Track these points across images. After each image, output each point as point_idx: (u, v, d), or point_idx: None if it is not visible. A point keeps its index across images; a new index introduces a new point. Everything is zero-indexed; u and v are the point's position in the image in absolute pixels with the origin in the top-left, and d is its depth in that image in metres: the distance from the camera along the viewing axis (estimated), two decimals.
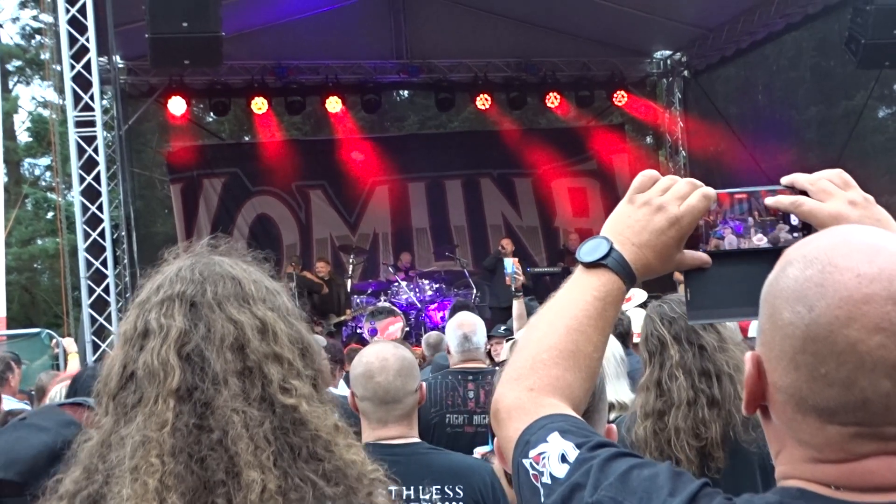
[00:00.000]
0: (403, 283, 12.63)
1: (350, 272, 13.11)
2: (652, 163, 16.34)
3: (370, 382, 2.58)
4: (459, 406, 4.12)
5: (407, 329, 10.75)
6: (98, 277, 8.94)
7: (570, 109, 15.41)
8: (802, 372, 0.90)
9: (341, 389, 4.79)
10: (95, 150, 9.16)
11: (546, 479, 1.03)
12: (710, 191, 1.25)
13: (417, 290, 12.65)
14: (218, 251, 1.36)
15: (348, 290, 12.84)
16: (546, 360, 1.16)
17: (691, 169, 15.02)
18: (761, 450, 2.45)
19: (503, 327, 6.72)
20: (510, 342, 5.25)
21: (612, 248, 1.23)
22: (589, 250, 1.24)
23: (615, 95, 15.06)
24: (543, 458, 1.04)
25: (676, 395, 2.64)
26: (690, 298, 1.26)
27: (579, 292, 1.22)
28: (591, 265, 1.23)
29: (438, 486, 2.55)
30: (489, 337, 6.58)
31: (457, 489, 2.56)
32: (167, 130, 15.54)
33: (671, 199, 1.24)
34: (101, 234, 9.09)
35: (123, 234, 11.89)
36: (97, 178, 9.17)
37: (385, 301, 12.15)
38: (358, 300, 12.57)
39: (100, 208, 9.13)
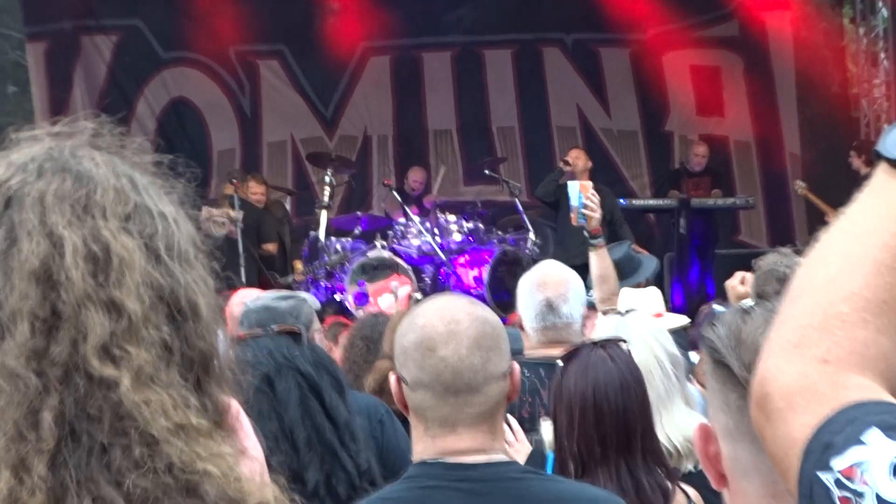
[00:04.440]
0: (415, 220, 12.86)
1: (326, 199, 13.15)
2: (833, 27, 16.75)
3: (430, 359, 2.68)
4: (538, 416, 4.36)
5: (418, 296, 10.87)
6: None
7: None
8: None
9: None
10: None
11: (869, 502, 1.11)
12: None
13: (437, 231, 12.91)
14: (99, 139, 1.47)
15: (322, 228, 12.78)
16: (847, 316, 1.22)
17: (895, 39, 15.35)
18: None
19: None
20: (607, 315, 5.27)
21: None
22: None
23: None
24: (861, 470, 1.11)
25: None
26: None
27: (889, 208, 1.27)
28: None
29: None
30: None
31: None
32: None
33: None
34: None
35: None
36: None
37: (383, 249, 12.41)
38: (337, 246, 12.72)
39: None
